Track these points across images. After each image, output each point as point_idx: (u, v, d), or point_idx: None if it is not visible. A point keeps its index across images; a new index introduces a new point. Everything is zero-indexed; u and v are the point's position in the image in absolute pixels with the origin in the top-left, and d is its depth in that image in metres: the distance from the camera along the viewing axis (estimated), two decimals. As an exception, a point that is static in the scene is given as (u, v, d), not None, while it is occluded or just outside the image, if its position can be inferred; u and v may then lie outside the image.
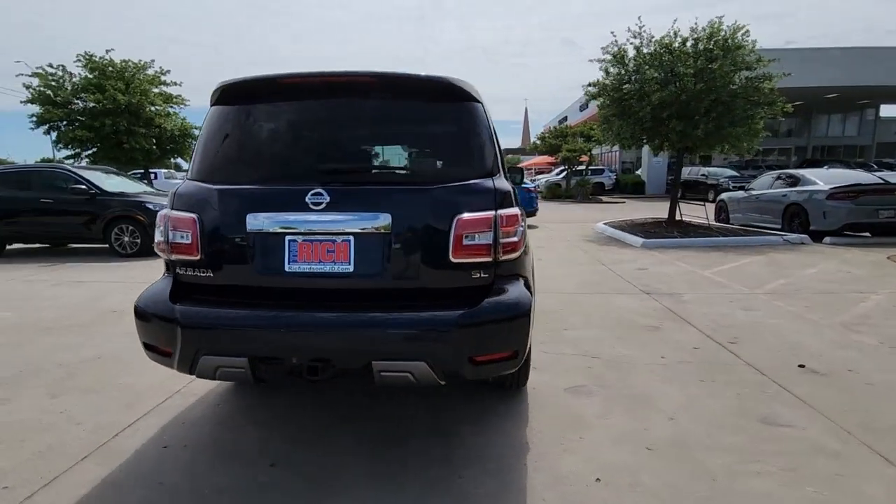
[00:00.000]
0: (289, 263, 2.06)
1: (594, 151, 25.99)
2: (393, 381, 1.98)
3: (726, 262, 7.03)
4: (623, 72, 10.16)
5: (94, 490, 2.04)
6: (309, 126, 2.22)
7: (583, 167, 25.46)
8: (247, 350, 1.97)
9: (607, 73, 10.43)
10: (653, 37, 10.03)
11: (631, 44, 10.07)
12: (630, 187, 26.99)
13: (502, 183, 2.21)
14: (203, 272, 2.15)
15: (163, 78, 13.56)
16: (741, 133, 9.10)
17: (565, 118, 37.57)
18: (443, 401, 2.83)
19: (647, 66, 9.53)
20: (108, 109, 11.84)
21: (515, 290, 2.13)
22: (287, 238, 2.05)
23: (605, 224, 11.35)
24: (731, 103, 9.08)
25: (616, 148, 12.91)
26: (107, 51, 12.63)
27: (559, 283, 5.80)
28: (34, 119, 11.94)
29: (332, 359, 1.97)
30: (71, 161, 12.66)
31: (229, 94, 2.22)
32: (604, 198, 24.37)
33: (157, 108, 13.01)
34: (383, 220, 2.02)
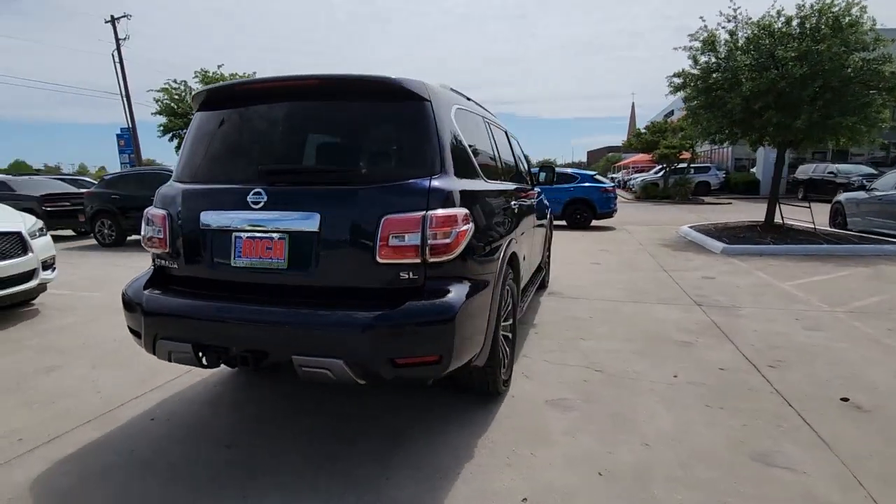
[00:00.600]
0: (235, 258, 2.19)
1: (702, 148, 23.83)
2: (312, 376, 2.02)
3: (817, 274, 6.09)
4: (713, 60, 9.22)
5: (77, 451, 2.35)
6: (259, 129, 2.35)
7: (683, 165, 23.47)
8: (191, 337, 2.14)
9: (696, 61, 9.53)
10: (750, 18, 8.99)
11: (724, 28, 9.11)
12: (741, 186, 24.36)
13: (444, 183, 2.14)
14: (171, 264, 2.37)
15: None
16: (854, 123, 7.79)
17: (671, 112, 34.93)
18: (414, 401, 2.82)
19: (738, 52, 8.54)
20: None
21: (448, 294, 2.06)
22: (234, 235, 2.19)
23: (690, 227, 10.39)
24: (843, 89, 7.82)
25: (727, 144, 11.69)
26: (218, 66, 14.29)
27: (605, 290, 5.45)
28: (161, 128, 13.85)
29: (260, 351, 2.07)
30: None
31: (200, 101, 2.43)
32: (707, 198, 22.29)
33: None
34: (313, 220, 2.07)
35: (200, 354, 2.14)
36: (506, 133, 3.96)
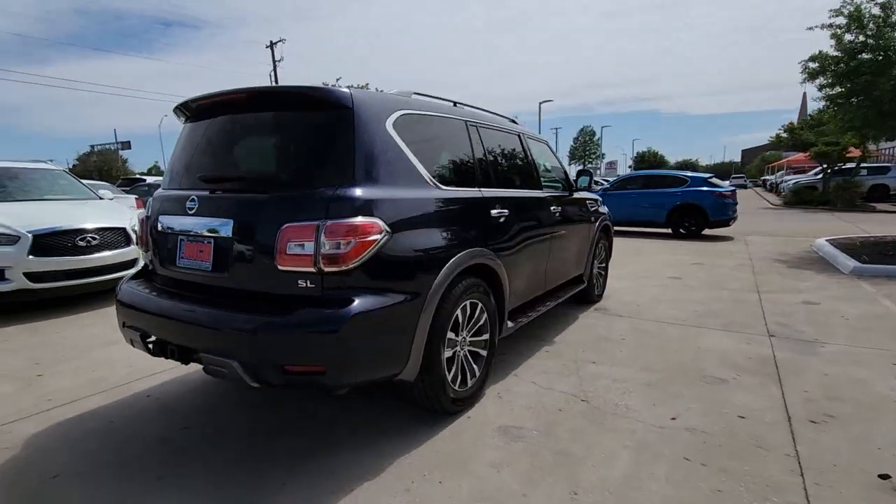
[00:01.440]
0: (179, 259, 2.40)
1: (888, 144, 19.69)
2: (216, 374, 2.12)
3: (973, 308, 4.67)
4: (860, 38, 7.58)
5: (77, 415, 2.78)
6: (205, 139, 2.51)
7: (851, 165, 19.60)
8: (141, 327, 2.39)
9: (839, 41, 7.92)
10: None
11: (874, 1, 7.44)
12: (936, 191, 19.60)
13: (349, 192, 2.09)
14: (148, 261, 2.68)
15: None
16: None
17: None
18: (372, 410, 2.80)
19: (889, 29, 6.90)
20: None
21: (341, 305, 2.02)
22: (179, 237, 2.40)
23: (826, 240, 8.67)
24: None
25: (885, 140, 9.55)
26: (336, 79, 15.67)
27: (664, 310, 4.83)
28: None
29: (181, 344, 2.23)
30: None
31: (177, 114, 2.70)
32: (882, 206, 18.32)
33: None
34: (228, 226, 2.18)
35: (149, 344, 2.38)
36: (520, 137, 3.72)
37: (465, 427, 2.59)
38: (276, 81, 31.69)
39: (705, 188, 10.67)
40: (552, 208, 3.81)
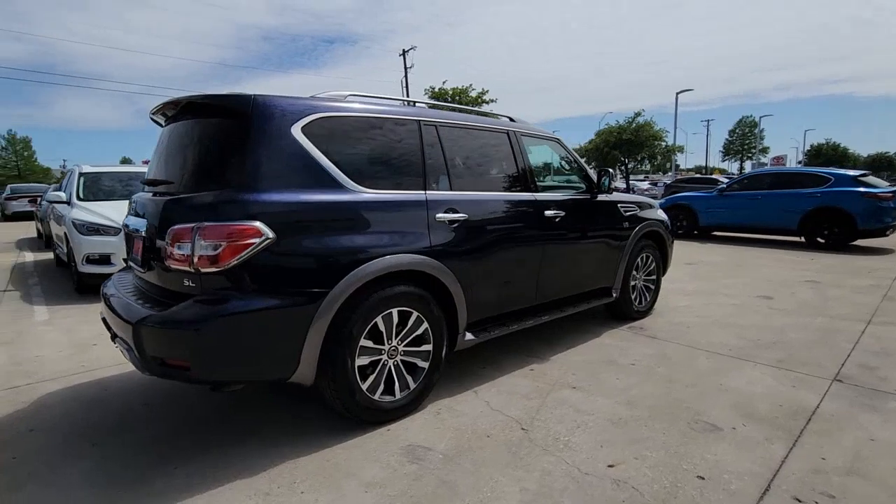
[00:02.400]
0: (132, 254, 2.70)
1: None
2: (130, 358, 2.32)
3: None
4: None
5: (75, 385, 3.29)
6: (157, 144, 2.75)
7: None
8: (103, 315, 2.74)
9: None
10: None
11: None
12: None
13: (230, 196, 2.15)
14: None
15: (484, 97, 16.04)
16: None
17: None
18: (315, 414, 2.85)
19: None
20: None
21: (210, 304, 2.09)
22: (131, 234, 2.70)
23: None
24: None
25: None
26: (443, 82, 16.05)
27: (720, 336, 4.08)
28: None
29: (113, 331, 2.50)
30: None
31: (153, 122, 3.02)
32: None
33: None
34: (142, 226, 2.39)
35: (110, 331, 2.73)
36: (509, 136, 3.42)
37: (373, 440, 2.49)
38: (407, 88, 33.53)
39: (854, 188, 8.68)
40: (549, 213, 3.45)
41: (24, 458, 2.38)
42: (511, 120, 3.62)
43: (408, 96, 33.57)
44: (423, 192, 2.78)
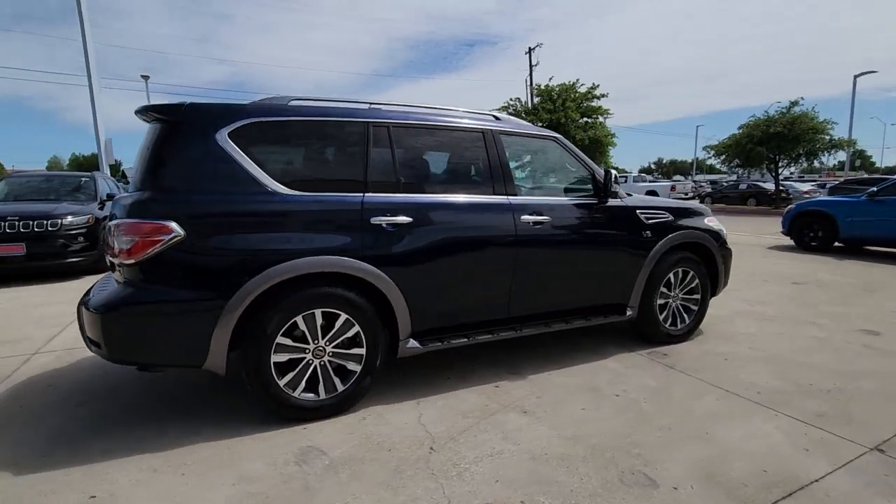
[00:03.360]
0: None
1: None
2: None
3: None
4: None
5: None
6: None
7: None
8: None
9: None
10: None
11: None
12: None
13: (143, 196, 2.38)
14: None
15: (594, 92, 15.09)
16: None
17: None
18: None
19: None
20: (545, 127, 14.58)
21: (123, 291, 2.33)
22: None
23: None
24: None
25: None
26: (549, 78, 15.50)
27: (762, 374, 3.36)
28: None
29: None
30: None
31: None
32: None
33: (580, 121, 14.69)
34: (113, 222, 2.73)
35: None
36: (484, 135, 3.18)
37: (281, 436, 2.53)
38: (531, 85, 33.08)
39: None
40: (525, 218, 3.15)
41: (27, 406, 2.90)
42: (496, 118, 3.38)
43: (531, 95, 33.07)
44: (360, 194, 2.75)
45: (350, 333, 2.72)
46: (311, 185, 2.68)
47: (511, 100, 15.87)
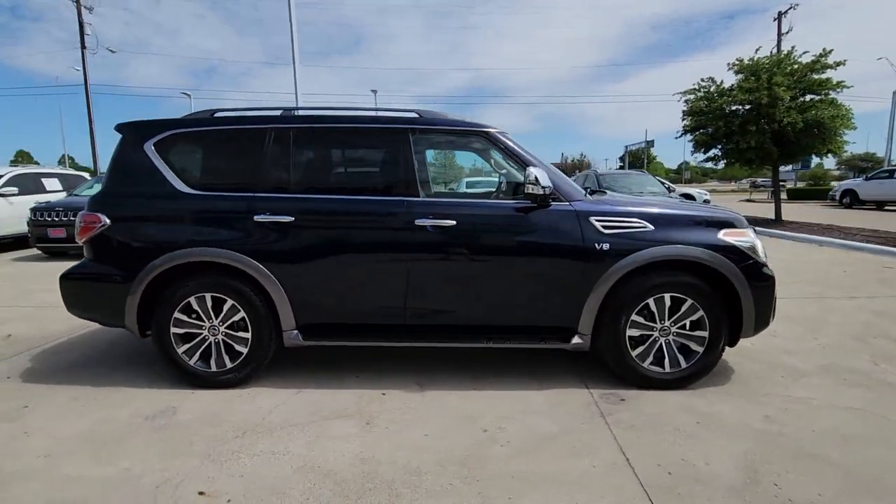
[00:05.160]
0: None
1: None
2: None
3: None
4: None
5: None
6: None
7: None
8: None
9: None
10: None
11: None
12: None
13: (95, 194, 3.11)
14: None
15: (824, 61, 11.54)
16: None
17: None
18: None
19: None
20: (750, 109, 11.82)
21: (78, 263, 3.13)
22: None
23: None
24: None
25: None
26: (756, 49, 12.38)
27: (727, 457, 2.45)
28: (682, 129, 13.69)
29: None
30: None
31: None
32: None
33: (792, 100, 11.34)
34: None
35: None
36: (394, 134, 3.03)
37: (157, 394, 3.01)
38: (779, 53, 27.32)
39: None
40: (423, 221, 2.92)
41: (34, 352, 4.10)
42: (418, 115, 3.18)
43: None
44: (250, 194, 3.03)
45: (236, 317, 3.05)
46: (212, 185, 3.09)
47: (703, 80, 13.36)
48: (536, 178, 2.83)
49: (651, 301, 2.97)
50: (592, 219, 2.95)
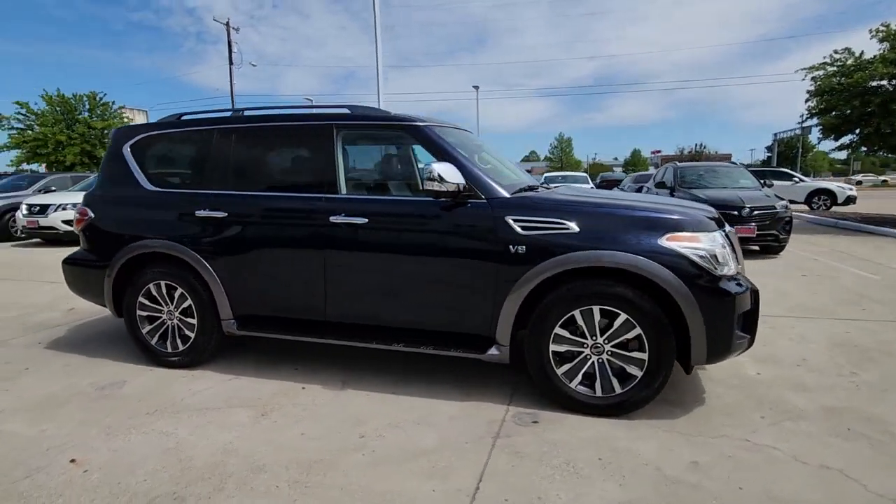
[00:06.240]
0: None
1: None
2: None
3: None
4: None
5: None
6: None
7: None
8: None
9: None
10: None
11: None
12: None
13: (89, 191, 3.58)
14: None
15: None
16: None
17: None
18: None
19: None
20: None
21: (80, 251, 3.65)
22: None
23: None
24: None
25: None
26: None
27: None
28: (807, 112, 11.46)
29: None
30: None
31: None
32: None
33: None
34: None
35: None
36: (324, 130, 3.02)
37: (120, 367, 3.37)
38: None
39: None
40: (337, 218, 2.89)
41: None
42: (349, 111, 3.12)
43: None
44: (195, 191, 3.26)
45: (185, 305, 3.32)
46: (169, 183, 3.38)
47: (838, 52, 11.09)
48: (439, 174, 2.63)
49: (577, 313, 2.60)
50: (509, 218, 2.66)
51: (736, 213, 7.17)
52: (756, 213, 7.22)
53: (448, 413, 2.73)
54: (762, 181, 8.63)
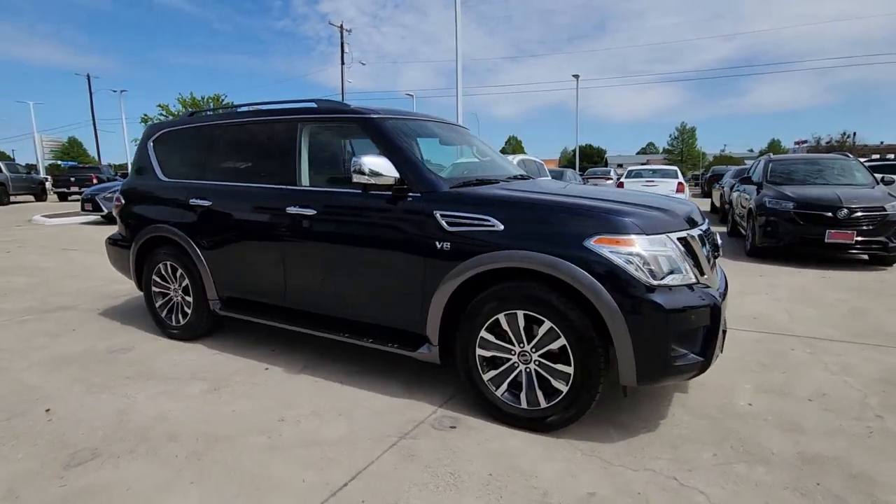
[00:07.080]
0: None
1: None
2: None
3: None
4: None
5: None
6: None
7: None
8: None
9: None
10: None
11: None
12: None
13: (124, 181, 4.10)
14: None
15: None
16: None
17: None
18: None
19: None
20: None
21: (117, 232, 4.21)
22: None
23: None
24: None
25: None
26: None
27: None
28: None
29: None
30: None
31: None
32: None
33: None
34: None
35: None
36: (290, 125, 3.16)
37: (138, 335, 3.84)
38: None
39: None
40: (292, 210, 3.00)
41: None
42: (315, 105, 3.19)
43: None
44: (191, 181, 3.59)
45: (184, 284, 3.68)
46: (177, 174, 3.75)
47: None
48: (369, 168, 2.60)
49: (502, 317, 2.42)
50: (438, 213, 2.55)
51: (830, 214, 6.06)
52: (857, 214, 6.02)
53: (376, 408, 2.71)
54: (882, 177, 7.16)
